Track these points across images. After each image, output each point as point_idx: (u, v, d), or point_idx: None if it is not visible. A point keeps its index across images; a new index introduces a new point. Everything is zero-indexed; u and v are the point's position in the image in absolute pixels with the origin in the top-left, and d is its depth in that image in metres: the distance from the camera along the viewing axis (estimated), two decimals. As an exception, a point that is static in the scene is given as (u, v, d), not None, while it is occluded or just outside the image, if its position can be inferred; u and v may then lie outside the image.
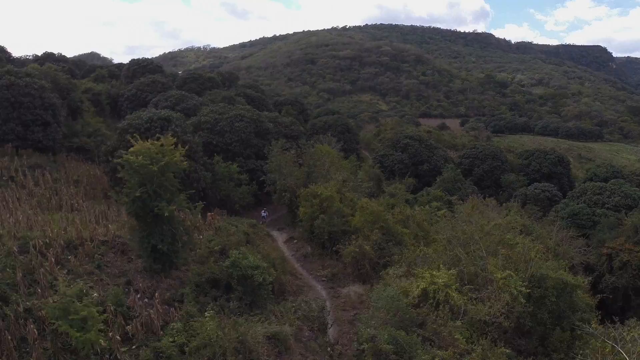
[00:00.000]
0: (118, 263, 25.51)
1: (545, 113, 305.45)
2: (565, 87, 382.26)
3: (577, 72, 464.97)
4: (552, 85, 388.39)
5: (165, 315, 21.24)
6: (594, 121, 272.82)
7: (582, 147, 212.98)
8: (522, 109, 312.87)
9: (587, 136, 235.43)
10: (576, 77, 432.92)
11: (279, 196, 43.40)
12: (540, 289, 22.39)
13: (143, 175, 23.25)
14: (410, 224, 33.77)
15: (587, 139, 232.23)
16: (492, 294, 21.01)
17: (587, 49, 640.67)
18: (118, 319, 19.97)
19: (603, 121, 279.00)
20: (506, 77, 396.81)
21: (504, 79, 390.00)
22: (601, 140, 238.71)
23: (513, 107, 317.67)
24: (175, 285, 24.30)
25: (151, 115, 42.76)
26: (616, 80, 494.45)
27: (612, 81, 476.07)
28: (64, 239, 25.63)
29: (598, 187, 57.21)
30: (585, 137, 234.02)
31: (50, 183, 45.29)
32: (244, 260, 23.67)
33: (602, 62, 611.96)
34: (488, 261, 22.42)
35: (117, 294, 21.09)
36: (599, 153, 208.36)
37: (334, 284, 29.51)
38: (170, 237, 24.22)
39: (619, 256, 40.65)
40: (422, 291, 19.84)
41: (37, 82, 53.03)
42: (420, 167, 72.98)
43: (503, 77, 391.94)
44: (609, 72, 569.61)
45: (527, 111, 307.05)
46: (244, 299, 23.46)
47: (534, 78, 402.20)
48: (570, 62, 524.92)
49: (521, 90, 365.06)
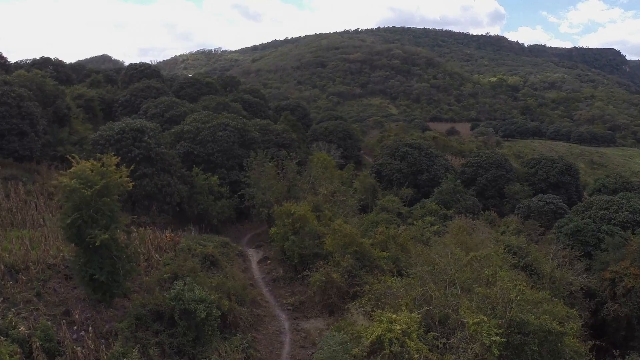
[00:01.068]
0: (61, 290, 23.29)
1: (557, 117, 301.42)
2: (578, 90, 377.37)
3: (590, 75, 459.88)
4: (564, 88, 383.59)
5: (97, 352, 18.79)
6: (607, 125, 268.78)
7: (595, 152, 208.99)
8: (533, 113, 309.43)
9: (600, 141, 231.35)
10: (589, 81, 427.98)
11: (257, 211, 40.84)
12: (520, 335, 19.49)
13: (78, 201, 20.90)
14: (391, 246, 31.00)
15: (600, 144, 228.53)
16: (462, 341, 18.22)
17: (600, 52, 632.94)
18: (40, 357, 17.54)
19: (616, 125, 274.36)
20: (518, 80, 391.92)
21: (516, 82, 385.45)
22: (614, 145, 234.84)
23: (525, 111, 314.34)
24: (117, 316, 21.94)
25: (123, 126, 40.54)
26: (630, 84, 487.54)
27: (626, 84, 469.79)
28: (8, 261, 23.42)
29: (605, 201, 53.61)
30: (598, 142, 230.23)
31: (22, 195, 43.36)
32: (189, 293, 21.18)
33: (616, 65, 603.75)
34: (461, 301, 19.62)
35: (46, 328, 18.79)
36: (612, 158, 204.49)
37: (300, 313, 26.88)
38: (110, 266, 21.84)
39: (623, 281, 37.20)
40: (377, 338, 17.14)
41: (16, 91, 51.31)
42: (419, 176, 69.97)
43: (515, 81, 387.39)
44: (623, 75, 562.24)
45: (539, 115, 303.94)
46: (187, 334, 21.07)
47: (546, 81, 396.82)
48: (583, 65, 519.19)
49: (533, 94, 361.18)
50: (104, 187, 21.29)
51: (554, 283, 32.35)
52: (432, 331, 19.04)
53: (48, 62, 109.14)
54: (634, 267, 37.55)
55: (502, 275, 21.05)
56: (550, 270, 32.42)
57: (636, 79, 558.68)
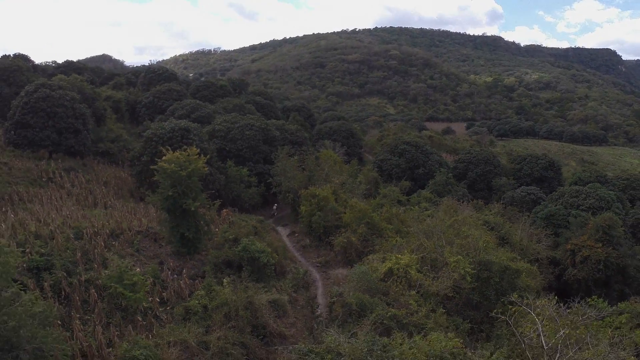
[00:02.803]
0: (152, 248, 31.80)
1: (551, 117, 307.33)
2: (572, 90, 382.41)
3: (585, 75, 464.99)
4: (559, 89, 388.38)
5: (191, 287, 27.43)
6: (600, 125, 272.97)
7: (586, 151, 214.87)
8: (528, 113, 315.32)
9: (592, 140, 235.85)
10: (584, 81, 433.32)
11: (284, 196, 49.60)
12: (487, 271, 28.19)
13: (174, 179, 29.47)
14: (394, 221, 39.67)
15: (592, 143, 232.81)
16: (446, 274, 26.90)
17: (596, 52, 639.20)
18: (156, 287, 26.15)
19: (608, 125, 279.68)
20: (514, 81, 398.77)
21: (512, 82, 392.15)
22: (606, 144, 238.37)
23: (519, 111, 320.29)
24: (198, 265, 30.51)
25: (173, 125, 49.12)
26: (625, 84, 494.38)
27: (621, 84, 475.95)
28: (108, 228, 31.94)
29: (575, 191, 62.60)
30: (590, 141, 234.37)
31: (84, 184, 51.69)
32: (253, 245, 29.80)
33: (612, 65, 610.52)
34: (445, 249, 28.29)
35: (154, 269, 27.33)
36: (602, 157, 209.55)
37: (326, 268, 35.47)
38: (194, 228, 30.46)
39: (581, 251, 46.14)
40: (388, 269, 25.74)
41: (69, 94, 59.59)
42: (416, 171, 78.61)
43: (511, 82, 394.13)
44: (619, 75, 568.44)
45: (533, 115, 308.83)
46: (252, 276, 29.53)
47: (541, 82, 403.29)
48: (579, 65, 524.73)
49: (528, 94, 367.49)
50: (192, 170, 29.88)
51: (522, 250, 41.09)
52: (425, 268, 27.75)
53: (72, 66, 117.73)
54: (590, 240, 46.47)
55: (474, 232, 29.76)
56: (519, 240, 41.15)
57: (632, 79, 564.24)
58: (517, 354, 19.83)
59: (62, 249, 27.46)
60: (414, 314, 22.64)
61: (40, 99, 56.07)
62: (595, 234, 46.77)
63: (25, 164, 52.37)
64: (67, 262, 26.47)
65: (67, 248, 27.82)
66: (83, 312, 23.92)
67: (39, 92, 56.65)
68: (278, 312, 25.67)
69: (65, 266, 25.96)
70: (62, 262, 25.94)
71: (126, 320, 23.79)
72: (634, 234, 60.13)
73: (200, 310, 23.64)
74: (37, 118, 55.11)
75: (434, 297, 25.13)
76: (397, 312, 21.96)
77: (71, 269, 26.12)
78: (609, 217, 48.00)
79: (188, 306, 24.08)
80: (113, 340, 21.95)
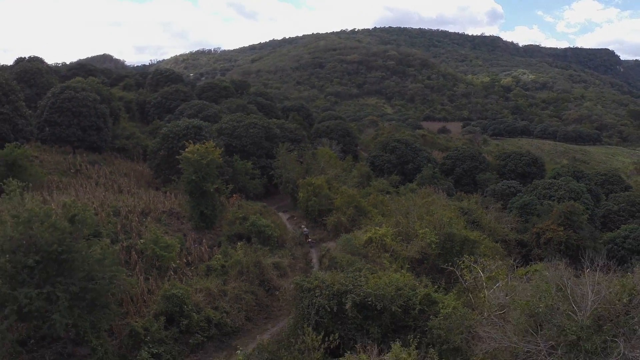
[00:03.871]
0: (175, 224, 38.41)
1: (547, 117, 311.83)
2: (569, 91, 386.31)
3: (582, 75, 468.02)
4: (555, 89, 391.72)
5: (210, 253, 34.00)
6: (594, 125, 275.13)
7: (579, 150, 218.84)
8: (524, 113, 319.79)
9: (586, 139, 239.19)
10: (581, 81, 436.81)
11: (284, 186, 56.26)
12: (450, 241, 34.67)
13: (195, 166, 36.07)
14: (379, 206, 46.19)
15: (585, 143, 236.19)
16: (416, 242, 33.42)
17: (595, 52, 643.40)
18: (182, 252, 32.72)
19: (603, 125, 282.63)
20: (510, 81, 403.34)
21: (508, 83, 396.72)
22: (600, 144, 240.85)
23: (515, 111, 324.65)
24: (214, 237, 37.17)
25: (187, 123, 55.78)
26: (623, 84, 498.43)
27: (619, 85, 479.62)
28: (139, 208, 38.50)
29: (548, 183, 69.10)
30: (584, 141, 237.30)
31: (107, 175, 58.26)
32: (259, 221, 36.41)
33: (610, 65, 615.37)
34: (416, 224, 34.83)
35: (180, 239, 33.87)
36: (595, 156, 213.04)
37: (320, 243, 42.07)
38: (211, 206, 37.09)
39: (545, 234, 52.62)
40: (368, 238, 32.29)
41: (91, 96, 66.18)
42: (405, 166, 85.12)
43: (507, 82, 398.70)
44: (616, 75, 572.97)
45: (529, 115, 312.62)
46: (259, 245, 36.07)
47: (538, 82, 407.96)
48: (576, 66, 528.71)
49: (524, 94, 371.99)
50: (210, 159, 36.47)
51: (490, 232, 47.56)
52: (399, 238, 34.25)
53: (83, 68, 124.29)
54: (554, 224, 52.92)
55: (441, 211, 36.31)
56: (487, 223, 47.66)
57: (630, 79, 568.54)
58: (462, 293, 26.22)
59: (105, 222, 33.98)
60: (386, 270, 29.03)
61: (67, 100, 62.58)
62: (558, 219, 53.21)
63: (54, 158, 58.98)
64: (111, 232, 32.98)
65: (108, 222, 34.33)
66: (127, 269, 30.40)
67: (65, 93, 63.16)
68: (279, 273, 32.22)
69: (110, 235, 32.46)
70: (107, 231, 32.44)
71: (161, 276, 30.32)
72: (605, 224, 66.79)
73: (219, 268, 30.16)
74: (63, 117, 61.64)
75: (405, 260, 31.62)
76: (372, 267, 28.34)
77: (114, 237, 32.63)
78: (571, 204, 54.47)
79: (209, 265, 30.61)
80: (152, 289, 28.47)
